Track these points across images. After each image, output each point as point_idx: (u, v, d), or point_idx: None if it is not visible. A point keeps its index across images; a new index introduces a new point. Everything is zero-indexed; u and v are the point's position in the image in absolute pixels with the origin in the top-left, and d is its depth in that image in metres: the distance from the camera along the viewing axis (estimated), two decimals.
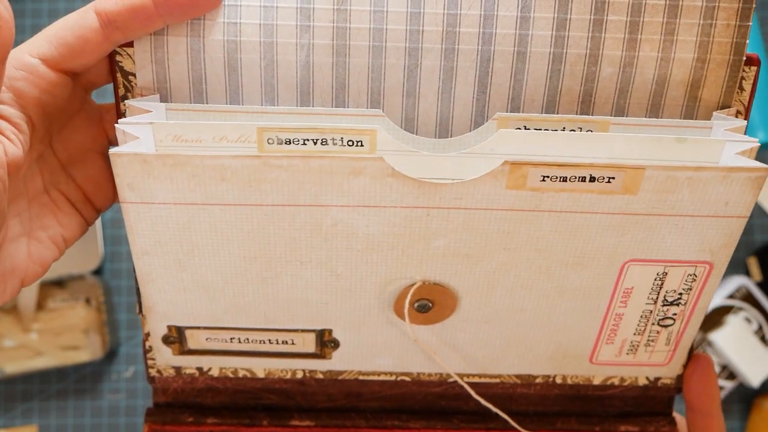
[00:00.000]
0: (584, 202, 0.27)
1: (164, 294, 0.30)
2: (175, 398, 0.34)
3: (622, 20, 0.27)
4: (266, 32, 0.28)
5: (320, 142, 0.27)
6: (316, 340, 0.32)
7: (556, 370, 0.33)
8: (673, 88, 0.28)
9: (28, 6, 0.66)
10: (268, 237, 0.28)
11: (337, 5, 0.27)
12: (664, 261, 0.29)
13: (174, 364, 0.33)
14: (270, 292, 0.30)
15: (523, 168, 0.26)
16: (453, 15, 0.27)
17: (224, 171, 0.26)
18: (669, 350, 0.32)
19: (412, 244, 0.29)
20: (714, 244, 0.29)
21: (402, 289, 0.30)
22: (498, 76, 0.28)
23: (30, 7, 0.66)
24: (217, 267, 0.29)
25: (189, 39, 0.28)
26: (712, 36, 0.28)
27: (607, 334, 0.32)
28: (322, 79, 0.28)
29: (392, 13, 0.27)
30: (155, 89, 0.28)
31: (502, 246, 0.29)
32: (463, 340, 0.32)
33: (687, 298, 0.30)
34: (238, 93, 0.29)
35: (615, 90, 0.29)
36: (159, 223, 0.28)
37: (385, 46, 0.28)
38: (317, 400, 0.34)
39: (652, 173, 0.26)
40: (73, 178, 0.30)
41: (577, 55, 0.28)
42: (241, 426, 0.33)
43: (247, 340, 0.32)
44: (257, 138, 0.27)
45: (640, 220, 0.28)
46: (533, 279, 0.30)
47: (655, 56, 0.28)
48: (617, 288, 0.30)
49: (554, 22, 0.27)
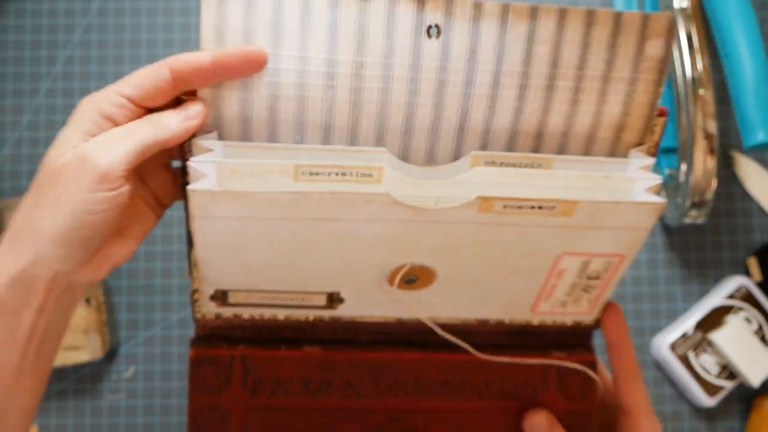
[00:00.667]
0: (533, 220, 0.38)
1: (216, 271, 0.40)
2: (213, 333, 0.45)
3: (569, 86, 0.38)
4: (299, 89, 0.37)
5: (341, 174, 0.37)
6: (327, 299, 0.43)
7: (505, 316, 0.45)
8: (603, 131, 0.39)
9: (28, 6, 0.66)
10: (298, 237, 0.38)
11: (354, 71, 0.37)
12: (589, 254, 0.41)
13: (215, 312, 0.43)
14: (295, 271, 0.41)
15: (490, 200, 0.37)
16: (443, 81, 0.37)
17: (271, 200, 0.36)
18: (590, 306, 0.44)
19: (404, 243, 0.39)
20: (626, 244, 0.40)
21: (395, 268, 0.41)
22: (473, 122, 0.38)
23: (30, 8, 0.66)
24: (258, 256, 0.39)
25: (240, 91, 0.37)
26: (634, 97, 0.38)
27: (544, 296, 0.43)
28: (341, 123, 0.38)
29: (396, 78, 0.37)
30: (213, 127, 0.37)
31: (471, 245, 0.39)
32: (437, 301, 0.43)
33: (605, 275, 0.42)
34: (276, 132, 0.38)
35: (560, 133, 0.39)
36: (218, 230, 0.38)
37: (390, 101, 0.38)
38: (323, 335, 0.45)
39: (583, 205, 0.37)
40: (148, 187, 0.39)
41: (533, 109, 0.38)
42: (264, 350, 0.44)
43: (275, 298, 0.43)
44: (293, 172, 0.36)
45: (574, 231, 0.39)
46: (493, 264, 0.41)
47: (592, 110, 0.38)
48: (553, 269, 0.42)
49: (518, 87, 0.38)
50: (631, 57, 0.37)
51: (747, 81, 0.51)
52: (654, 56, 0.38)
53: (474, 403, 0.45)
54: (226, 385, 0.45)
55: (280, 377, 0.44)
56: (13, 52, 0.65)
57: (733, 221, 0.65)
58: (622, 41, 0.37)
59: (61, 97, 0.65)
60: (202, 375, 0.44)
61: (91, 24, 0.66)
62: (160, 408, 0.62)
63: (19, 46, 0.65)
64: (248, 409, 0.45)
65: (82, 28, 0.66)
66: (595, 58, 0.37)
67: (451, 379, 0.45)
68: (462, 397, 0.45)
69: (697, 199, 0.57)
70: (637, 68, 0.38)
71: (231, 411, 0.45)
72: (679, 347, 0.61)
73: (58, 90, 0.65)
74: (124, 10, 0.66)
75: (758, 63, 0.51)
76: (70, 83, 0.65)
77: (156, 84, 0.35)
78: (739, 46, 0.52)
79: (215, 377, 0.44)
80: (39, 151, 0.64)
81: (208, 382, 0.44)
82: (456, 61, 0.37)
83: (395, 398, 0.45)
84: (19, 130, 0.64)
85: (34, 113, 0.65)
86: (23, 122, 0.65)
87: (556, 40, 0.37)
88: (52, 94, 0.65)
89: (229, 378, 0.44)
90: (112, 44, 0.65)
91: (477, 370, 0.45)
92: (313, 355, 0.44)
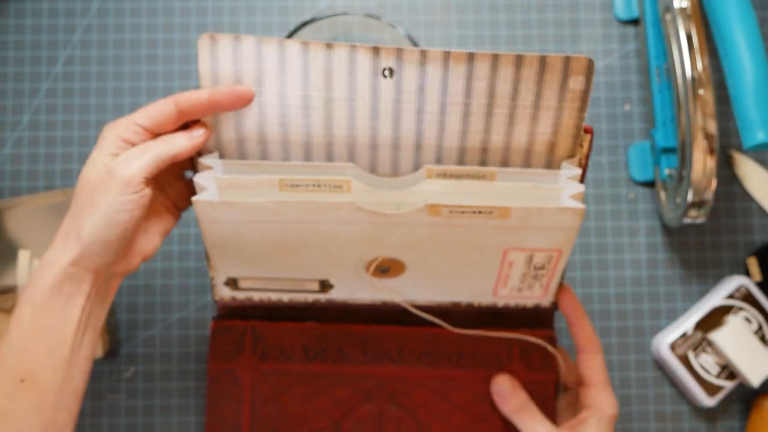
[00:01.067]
0: (476, 221, 0.46)
1: (225, 264, 0.50)
2: (229, 312, 0.54)
3: (505, 112, 0.46)
4: (281, 117, 0.46)
5: (317, 185, 0.46)
6: (319, 285, 0.52)
7: (473, 299, 0.53)
8: (538, 147, 0.47)
9: (28, 6, 0.66)
10: (286, 236, 0.47)
11: (325, 104, 0.45)
12: (531, 249, 0.48)
13: (230, 295, 0.53)
14: (289, 262, 0.50)
15: (437, 207, 0.45)
16: (398, 110, 0.46)
17: (260, 208, 0.45)
18: (543, 291, 0.52)
19: (374, 240, 0.47)
20: (559, 241, 0.48)
21: (369, 261, 0.49)
22: (427, 140, 0.47)
23: (30, 8, 0.66)
24: (256, 252, 0.49)
25: (235, 120, 0.46)
26: (561, 121, 0.46)
27: (501, 283, 0.51)
28: (318, 142, 0.47)
29: (360, 108, 0.45)
30: (214, 148, 0.46)
31: (429, 241, 0.47)
32: (410, 287, 0.51)
33: (548, 266, 0.50)
34: (266, 150, 0.47)
35: (501, 149, 0.47)
36: (221, 231, 0.47)
37: (356, 125, 0.46)
38: (321, 314, 0.54)
39: (515, 210, 0.45)
40: (167, 194, 0.48)
41: (476, 130, 0.46)
42: (272, 323, 0.54)
43: (277, 283, 0.52)
44: (278, 184, 0.45)
45: (513, 230, 0.47)
46: (451, 257, 0.49)
47: (527, 131, 0.46)
48: (503, 262, 0.49)
49: (462, 114, 0.46)
50: (557, 90, 0.45)
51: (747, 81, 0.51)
52: (576, 89, 0.45)
53: (449, 371, 0.54)
54: (239, 351, 0.54)
55: (284, 345, 0.54)
56: (14, 52, 0.65)
57: (733, 221, 0.65)
58: (548, 77, 0.45)
59: (62, 97, 0.65)
60: (220, 343, 0.54)
61: (91, 24, 0.66)
62: (160, 408, 0.62)
63: (19, 46, 0.65)
64: (257, 373, 0.54)
65: (82, 28, 0.66)
66: (525, 91, 0.45)
67: (429, 350, 0.54)
68: (439, 365, 0.54)
69: (697, 199, 0.57)
70: (562, 98, 0.45)
71: (243, 374, 0.54)
72: (679, 347, 0.61)
73: (59, 90, 0.65)
74: (124, 10, 0.66)
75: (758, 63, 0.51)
76: (71, 83, 0.65)
77: (164, 116, 0.44)
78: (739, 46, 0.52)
79: (230, 345, 0.54)
80: (39, 151, 0.64)
81: (224, 349, 0.54)
82: (408, 93, 0.45)
83: (380, 366, 0.54)
84: (19, 130, 0.64)
85: (34, 113, 0.65)
86: (23, 122, 0.65)
87: (491, 77, 0.45)
88: (52, 94, 0.65)
89: (241, 345, 0.54)
90: (112, 44, 0.65)
91: (452, 343, 0.54)
92: (312, 327, 0.54)
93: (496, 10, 0.66)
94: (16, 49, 0.65)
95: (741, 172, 0.65)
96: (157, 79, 0.65)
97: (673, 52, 0.59)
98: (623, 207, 0.65)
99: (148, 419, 0.62)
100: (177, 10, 0.66)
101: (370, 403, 0.54)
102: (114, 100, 0.65)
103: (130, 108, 0.65)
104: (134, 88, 0.65)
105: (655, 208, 0.65)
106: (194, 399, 0.62)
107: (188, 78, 0.65)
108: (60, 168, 0.64)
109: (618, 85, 0.66)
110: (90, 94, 0.65)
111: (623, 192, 0.65)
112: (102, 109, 0.65)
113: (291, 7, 0.66)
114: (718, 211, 0.65)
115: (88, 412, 0.62)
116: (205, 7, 0.66)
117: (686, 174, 0.58)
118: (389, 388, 0.54)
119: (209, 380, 0.54)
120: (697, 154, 0.57)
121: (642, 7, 0.65)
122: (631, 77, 0.66)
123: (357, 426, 0.54)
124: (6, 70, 0.65)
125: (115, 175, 0.42)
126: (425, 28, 0.66)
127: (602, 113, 0.66)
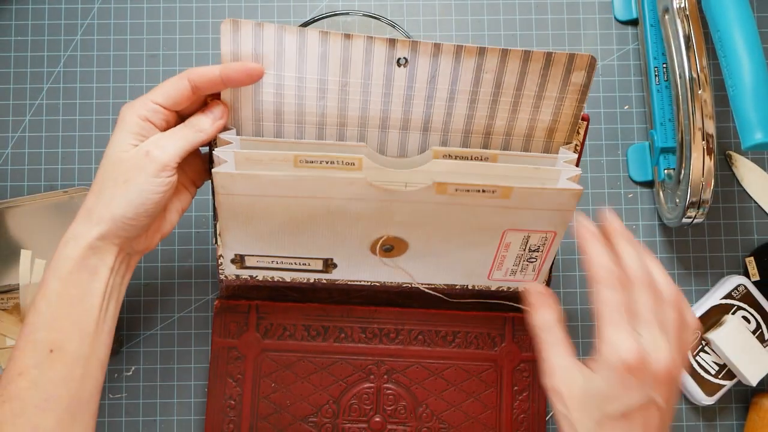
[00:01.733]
0: (479, 200, 0.48)
1: (235, 238, 0.52)
2: (233, 292, 0.57)
3: (509, 101, 0.49)
4: (298, 98, 0.48)
5: (330, 162, 0.48)
6: (323, 264, 0.54)
7: (467, 282, 0.55)
8: (538, 133, 0.50)
9: (29, 6, 0.66)
10: (296, 213, 0.49)
11: (340, 88, 0.48)
12: (528, 230, 0.51)
13: (235, 273, 0.55)
14: (296, 239, 0.52)
15: (444, 185, 0.47)
16: (409, 96, 0.48)
17: (276, 182, 0.48)
18: (535, 274, 0.54)
19: (381, 218, 0.50)
20: (556, 222, 0.50)
21: (375, 239, 0.52)
22: (434, 123, 0.50)
23: (31, 8, 0.66)
24: (267, 226, 0.51)
25: (253, 97, 0.48)
26: (562, 110, 0.49)
27: (497, 265, 0.54)
28: (331, 122, 0.49)
29: (373, 93, 0.48)
30: (232, 124, 0.49)
31: (433, 220, 0.50)
32: (411, 266, 0.54)
33: (543, 248, 0.52)
34: (281, 130, 0.49)
35: (503, 133, 0.50)
36: (236, 204, 0.49)
37: (369, 108, 0.49)
38: (322, 295, 0.57)
39: (517, 190, 0.47)
40: (185, 172, 0.50)
41: (481, 115, 0.49)
42: (275, 302, 0.57)
43: (282, 262, 0.54)
44: (293, 160, 0.48)
45: (513, 210, 0.49)
46: (452, 237, 0.51)
47: (528, 117, 0.50)
48: (501, 243, 0.52)
49: (468, 101, 0.49)
50: (559, 82, 0.48)
51: (745, 81, 0.51)
52: (578, 83, 0.48)
53: (444, 350, 0.58)
54: (242, 329, 0.57)
55: (286, 323, 0.57)
56: (14, 52, 0.65)
57: (732, 221, 0.65)
58: (552, 71, 0.48)
59: (62, 97, 0.65)
60: (224, 321, 0.57)
61: (91, 24, 0.66)
62: (161, 407, 0.62)
63: (20, 46, 0.65)
64: (260, 350, 0.57)
65: (82, 28, 0.66)
66: (530, 82, 0.48)
67: (425, 330, 0.58)
68: (434, 344, 0.58)
69: (695, 198, 0.57)
70: (564, 90, 0.49)
71: (245, 351, 0.57)
72: None
73: (59, 90, 0.65)
74: (124, 10, 0.66)
75: (756, 63, 0.52)
76: (71, 83, 0.65)
77: (179, 93, 0.46)
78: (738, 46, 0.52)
79: (235, 323, 0.57)
80: (39, 151, 0.64)
81: (228, 327, 0.57)
82: (420, 82, 0.48)
83: (379, 344, 0.57)
84: (20, 130, 0.65)
85: (35, 113, 0.65)
86: (24, 122, 0.65)
87: (499, 70, 0.48)
88: (53, 93, 0.65)
89: (245, 324, 0.57)
90: (112, 44, 0.66)
91: (446, 324, 0.58)
92: (314, 306, 0.57)
93: (496, 10, 0.67)
94: (17, 49, 0.65)
95: (739, 172, 0.65)
96: (158, 79, 0.65)
97: (672, 53, 0.59)
98: (622, 207, 0.65)
99: (149, 418, 0.62)
100: (177, 10, 0.66)
101: (368, 381, 0.57)
102: (115, 100, 0.65)
103: None
104: (135, 88, 0.65)
105: (654, 208, 0.65)
106: (195, 397, 0.62)
107: None
108: (61, 168, 0.64)
109: (617, 85, 0.66)
110: (91, 94, 0.65)
111: (622, 192, 0.65)
112: (103, 109, 0.65)
113: (291, 7, 0.66)
114: (717, 211, 0.65)
115: None
116: (206, 7, 0.66)
117: (685, 174, 0.58)
118: (387, 366, 0.58)
119: (212, 357, 0.57)
120: (696, 154, 0.57)
121: (641, 8, 0.65)
122: (630, 78, 0.66)
123: (356, 402, 0.57)
124: (7, 70, 0.65)
125: (152, 157, 0.45)
126: (425, 28, 0.66)
127: (601, 113, 0.66)
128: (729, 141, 0.66)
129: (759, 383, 0.63)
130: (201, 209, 0.64)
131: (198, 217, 0.63)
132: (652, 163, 0.64)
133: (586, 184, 0.65)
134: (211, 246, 0.63)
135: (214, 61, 0.65)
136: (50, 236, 0.62)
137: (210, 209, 0.63)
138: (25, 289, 0.59)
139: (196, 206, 0.64)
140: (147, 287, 0.63)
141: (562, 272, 0.64)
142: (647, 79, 0.64)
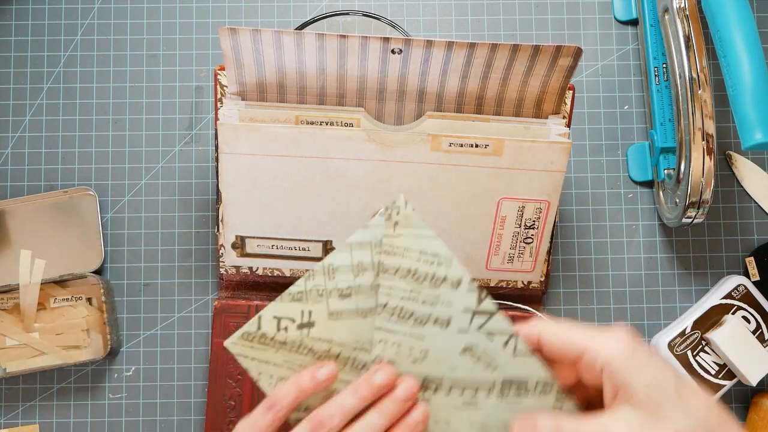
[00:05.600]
0: (473, 159, 0.51)
1: (237, 212, 0.54)
2: (234, 290, 0.59)
3: (499, 76, 0.52)
4: (299, 69, 0.52)
5: (329, 123, 0.52)
6: (322, 248, 0.55)
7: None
8: (527, 103, 0.54)
9: (29, 6, 0.66)
10: (297, 176, 0.52)
11: (338, 70, 0.52)
12: (522, 198, 0.53)
13: (235, 264, 0.57)
14: (297, 212, 0.54)
15: (438, 137, 0.51)
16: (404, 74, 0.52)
17: (277, 135, 0.51)
18: (532, 260, 0.56)
19: (378, 184, 0.53)
20: (548, 189, 0.53)
21: (373, 213, 0.53)
22: (429, 93, 0.53)
23: (31, 8, 0.66)
24: (268, 193, 0.53)
25: (255, 66, 0.52)
26: (549, 82, 0.53)
27: (494, 248, 0.55)
28: (331, 93, 0.53)
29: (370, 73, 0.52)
30: (237, 93, 0.53)
31: (429, 187, 0.53)
32: None
33: (538, 224, 0.54)
34: (284, 96, 0.54)
35: (494, 103, 0.54)
36: (239, 166, 0.52)
37: (366, 78, 0.52)
38: None
39: (509, 143, 0.51)
40: None
41: (474, 85, 0.53)
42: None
43: (282, 246, 0.56)
44: (295, 120, 0.51)
45: (505, 172, 0.52)
46: (448, 209, 0.54)
47: (517, 89, 0.53)
48: (497, 216, 0.54)
49: (460, 77, 0.52)
50: (547, 65, 0.52)
51: (745, 81, 0.51)
52: (564, 65, 0.52)
53: None
54: None
55: None
56: (14, 52, 0.65)
57: (732, 221, 0.65)
58: (540, 58, 0.51)
59: (62, 97, 0.65)
60: (224, 321, 0.58)
61: (91, 24, 0.66)
62: (161, 407, 0.62)
63: (20, 46, 0.65)
64: None
65: (82, 28, 0.66)
66: (519, 66, 0.52)
67: None
68: None
69: (695, 198, 0.57)
70: (551, 70, 0.52)
71: None
72: (678, 346, 0.61)
73: (59, 90, 0.65)
74: (124, 10, 0.66)
75: (756, 64, 0.52)
76: (71, 83, 0.65)
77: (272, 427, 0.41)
78: (738, 46, 0.52)
79: (234, 323, 0.58)
80: (39, 151, 0.64)
81: (228, 327, 0.57)
82: (414, 64, 0.52)
83: None
84: (20, 130, 0.65)
85: (35, 113, 0.65)
86: (24, 122, 0.65)
87: (489, 59, 0.51)
88: (52, 94, 0.65)
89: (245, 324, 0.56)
90: (112, 44, 0.66)
91: None
92: None
93: (496, 10, 0.67)
94: (17, 49, 0.65)
95: (739, 171, 0.65)
96: (158, 79, 0.65)
97: (672, 53, 0.59)
98: (622, 207, 0.65)
99: (149, 418, 0.62)
100: (177, 10, 0.66)
101: None
102: (115, 100, 0.65)
103: (131, 108, 0.65)
104: (135, 88, 0.65)
105: (654, 208, 0.65)
106: (195, 397, 0.62)
107: (188, 78, 0.65)
108: (61, 168, 0.64)
109: (617, 85, 0.66)
110: (91, 94, 0.65)
111: (622, 192, 0.65)
112: (103, 109, 0.65)
113: (291, 7, 0.66)
114: (717, 211, 0.65)
115: (90, 411, 0.62)
116: (206, 7, 0.66)
117: (685, 174, 0.58)
118: None
119: (212, 357, 0.57)
120: (696, 154, 0.57)
121: (641, 8, 0.65)
122: (630, 78, 0.66)
123: None
124: (7, 70, 0.65)
125: None
126: (425, 29, 0.66)
127: (601, 113, 0.66)
128: (729, 141, 0.66)
129: (759, 383, 0.63)
130: (201, 209, 0.64)
131: (198, 217, 0.63)
132: (652, 163, 0.64)
133: (586, 184, 0.65)
134: (212, 246, 0.63)
135: (215, 61, 0.65)
136: (50, 236, 0.62)
137: (213, 193, 0.63)
138: (25, 289, 0.59)
139: (196, 206, 0.64)
140: (147, 287, 0.63)
141: (562, 272, 0.64)
142: (647, 79, 0.64)
